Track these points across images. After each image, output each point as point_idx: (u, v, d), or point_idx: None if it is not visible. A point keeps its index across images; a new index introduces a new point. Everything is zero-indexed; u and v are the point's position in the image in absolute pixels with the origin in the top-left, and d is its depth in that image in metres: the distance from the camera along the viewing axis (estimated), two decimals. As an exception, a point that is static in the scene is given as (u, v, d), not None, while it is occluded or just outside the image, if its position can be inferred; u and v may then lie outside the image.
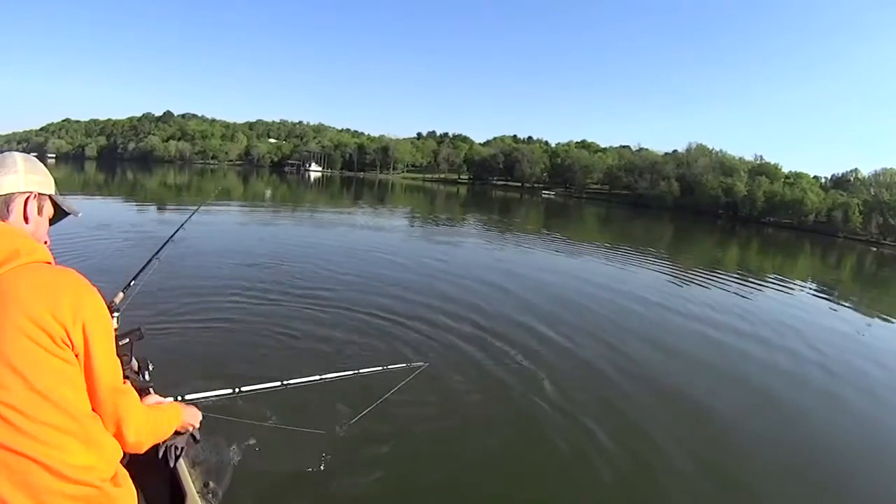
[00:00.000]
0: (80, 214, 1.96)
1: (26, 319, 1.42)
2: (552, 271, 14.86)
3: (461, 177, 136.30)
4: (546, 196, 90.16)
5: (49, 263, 1.60)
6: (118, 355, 1.70)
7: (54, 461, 1.41)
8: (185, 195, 39.69)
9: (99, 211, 21.64)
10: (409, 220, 30.05)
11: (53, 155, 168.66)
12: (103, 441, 1.57)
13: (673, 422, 5.69)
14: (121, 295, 3.44)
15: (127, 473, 1.66)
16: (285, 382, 3.32)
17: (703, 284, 15.36)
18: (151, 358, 2.81)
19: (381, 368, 4.20)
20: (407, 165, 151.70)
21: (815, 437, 5.99)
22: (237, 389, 3.05)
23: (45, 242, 1.71)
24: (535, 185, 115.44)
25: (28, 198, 1.68)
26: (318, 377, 3.53)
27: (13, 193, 1.65)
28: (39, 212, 1.73)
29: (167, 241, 4.37)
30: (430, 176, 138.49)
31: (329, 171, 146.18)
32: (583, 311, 10.20)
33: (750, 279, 17.77)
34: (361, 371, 3.95)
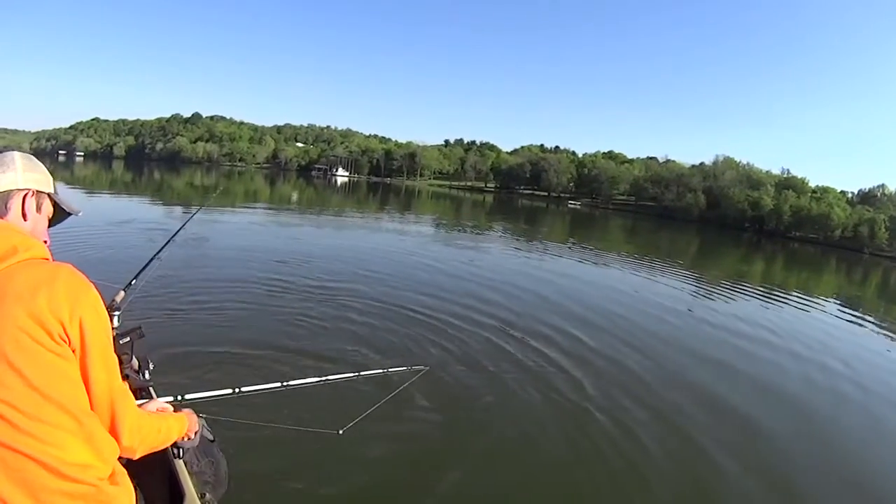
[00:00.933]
0: (80, 214, 2.00)
1: (24, 315, 1.42)
2: (573, 279, 14.86)
3: (487, 185, 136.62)
4: (572, 206, 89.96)
5: (46, 260, 1.62)
6: (118, 354, 1.76)
7: (52, 459, 1.42)
8: (211, 197, 39.39)
9: (117, 209, 22.75)
10: (434, 227, 30.35)
11: (82, 153, 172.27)
12: (101, 439, 1.58)
13: (691, 432, 5.70)
14: (122, 294, 3.49)
15: (125, 472, 1.69)
16: (286, 383, 3.43)
17: (729, 297, 15.34)
18: (152, 357, 2.88)
19: (382, 371, 4.36)
20: (434, 172, 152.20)
21: (846, 450, 6.02)
22: (237, 389, 3.13)
23: (45, 242, 1.73)
24: (562, 194, 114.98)
25: (26, 195, 1.70)
26: (318, 378, 3.63)
27: (11, 191, 1.67)
28: (38, 209, 1.76)
29: (168, 240, 4.45)
30: (456, 183, 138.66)
31: (356, 176, 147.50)
32: (602, 319, 10.16)
33: (775, 294, 17.84)
34: (363, 373, 4.05)
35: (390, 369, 4.46)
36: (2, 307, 1.41)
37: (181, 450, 2.25)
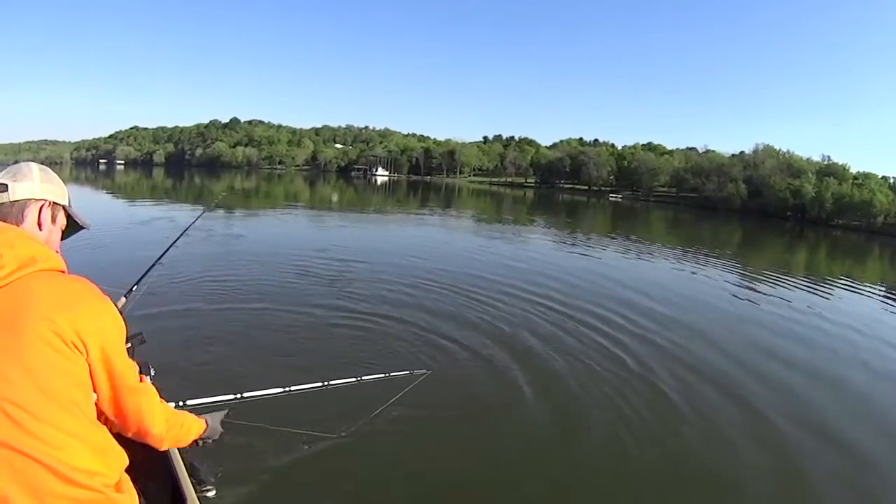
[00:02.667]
0: (91, 227, 2.03)
1: (43, 324, 1.45)
2: (614, 273, 14.55)
3: (528, 180, 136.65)
4: (613, 199, 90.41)
5: (63, 272, 1.66)
6: None
7: (60, 464, 1.42)
8: (252, 200, 40.79)
9: (140, 211, 24.14)
10: (474, 222, 30.98)
11: (122, 161, 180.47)
12: (109, 447, 1.62)
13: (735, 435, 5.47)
14: (123, 299, 3.50)
15: (129, 479, 1.71)
16: (288, 389, 3.45)
17: (776, 286, 15.15)
18: (153, 363, 2.85)
19: (384, 376, 4.31)
20: (473, 169, 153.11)
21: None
22: (239, 395, 3.17)
23: (56, 252, 1.74)
24: (602, 188, 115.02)
25: (42, 206, 1.74)
26: (320, 384, 3.66)
27: (28, 200, 1.70)
28: (53, 221, 1.80)
29: (170, 246, 4.47)
30: (496, 179, 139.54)
31: (395, 175, 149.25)
32: (640, 311, 9.90)
33: (821, 282, 17.70)
34: (364, 378, 4.01)
35: (391, 374, 4.48)
36: (23, 313, 1.45)
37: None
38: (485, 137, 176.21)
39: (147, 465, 1.95)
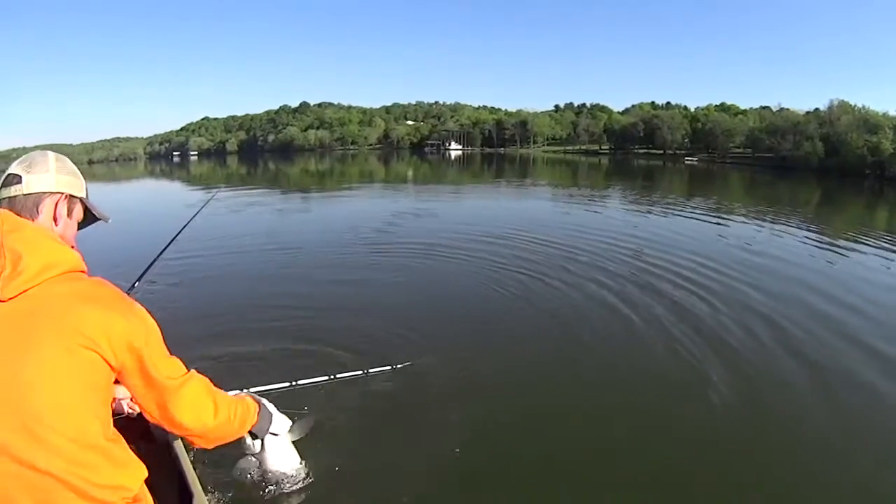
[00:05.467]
0: (109, 220, 1.96)
1: (67, 333, 1.40)
2: (694, 229, 14.67)
3: (602, 147, 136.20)
4: (689, 162, 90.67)
5: (83, 272, 1.61)
6: None
7: (81, 481, 1.39)
8: (326, 181, 42.97)
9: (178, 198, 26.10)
10: (553, 188, 31.91)
11: (195, 152, 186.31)
12: (129, 460, 1.60)
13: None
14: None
15: (146, 488, 1.70)
16: (295, 382, 3.60)
17: (862, 245, 14.33)
18: None
19: (389, 368, 4.44)
20: (546, 139, 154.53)
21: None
22: (245, 390, 3.20)
23: (72, 247, 1.70)
24: (677, 151, 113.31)
25: (59, 200, 1.69)
26: (327, 377, 3.82)
27: (43, 193, 1.65)
28: (69, 214, 1.75)
29: (169, 242, 4.44)
30: (570, 148, 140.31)
31: (469, 148, 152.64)
32: (743, 266, 9.80)
33: None
34: (371, 371, 4.16)
35: (398, 366, 4.49)
36: (44, 325, 1.40)
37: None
38: (556, 106, 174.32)
39: (156, 461, 2.01)
